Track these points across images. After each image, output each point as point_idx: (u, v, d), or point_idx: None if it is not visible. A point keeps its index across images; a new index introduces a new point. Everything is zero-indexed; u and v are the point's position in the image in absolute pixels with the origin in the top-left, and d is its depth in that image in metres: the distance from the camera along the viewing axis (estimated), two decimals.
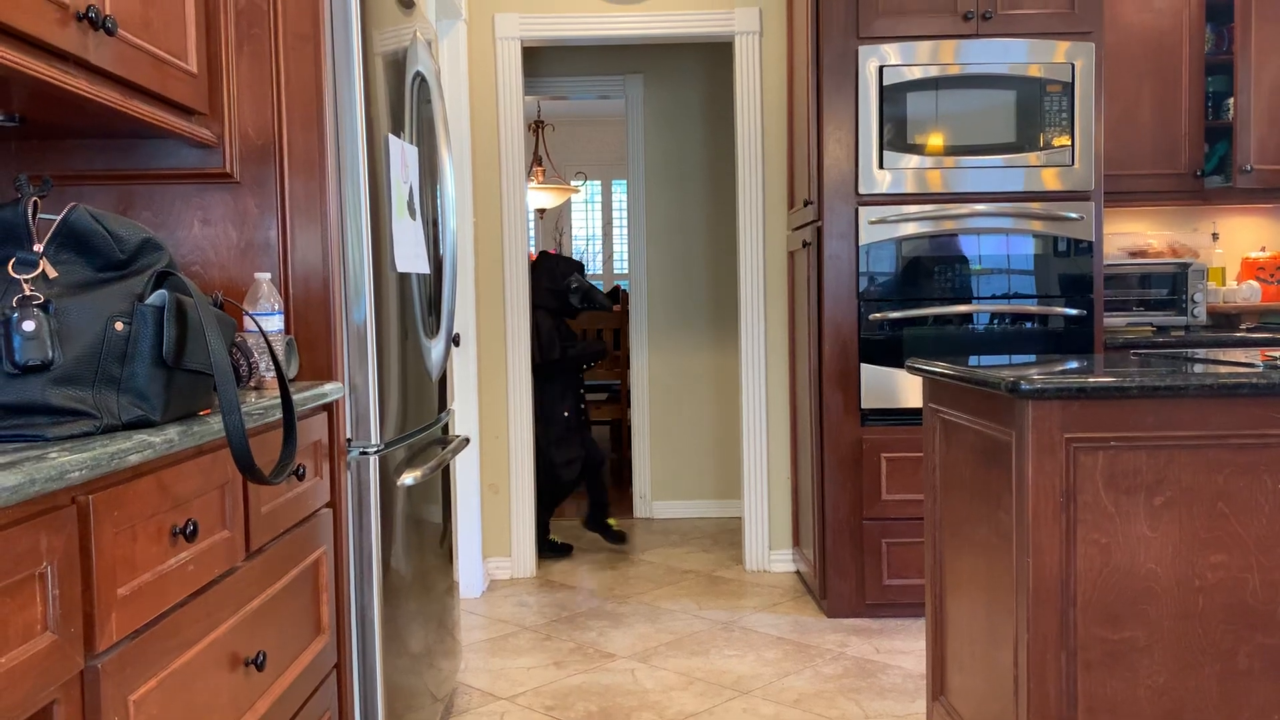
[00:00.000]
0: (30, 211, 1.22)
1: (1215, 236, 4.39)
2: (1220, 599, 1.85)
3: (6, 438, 1.15)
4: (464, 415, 4.02)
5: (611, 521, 4.84)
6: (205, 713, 1.39)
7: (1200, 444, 1.84)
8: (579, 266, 4.79)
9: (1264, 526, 1.84)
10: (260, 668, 1.56)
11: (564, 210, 9.92)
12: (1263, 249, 4.36)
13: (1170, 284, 4.13)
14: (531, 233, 9.54)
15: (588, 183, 9.91)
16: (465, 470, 4.00)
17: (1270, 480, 1.84)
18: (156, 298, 1.24)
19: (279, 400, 1.60)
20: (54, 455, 1.05)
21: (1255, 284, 4.27)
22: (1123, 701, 1.86)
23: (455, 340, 3.03)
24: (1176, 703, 1.86)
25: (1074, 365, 2.15)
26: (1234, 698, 1.85)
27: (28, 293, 1.15)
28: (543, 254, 4.86)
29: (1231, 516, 1.84)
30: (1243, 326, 4.24)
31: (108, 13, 1.50)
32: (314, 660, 1.84)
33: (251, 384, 1.79)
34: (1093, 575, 1.86)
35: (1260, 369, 1.85)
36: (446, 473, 2.84)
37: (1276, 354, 2.16)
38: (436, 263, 2.68)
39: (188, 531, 1.33)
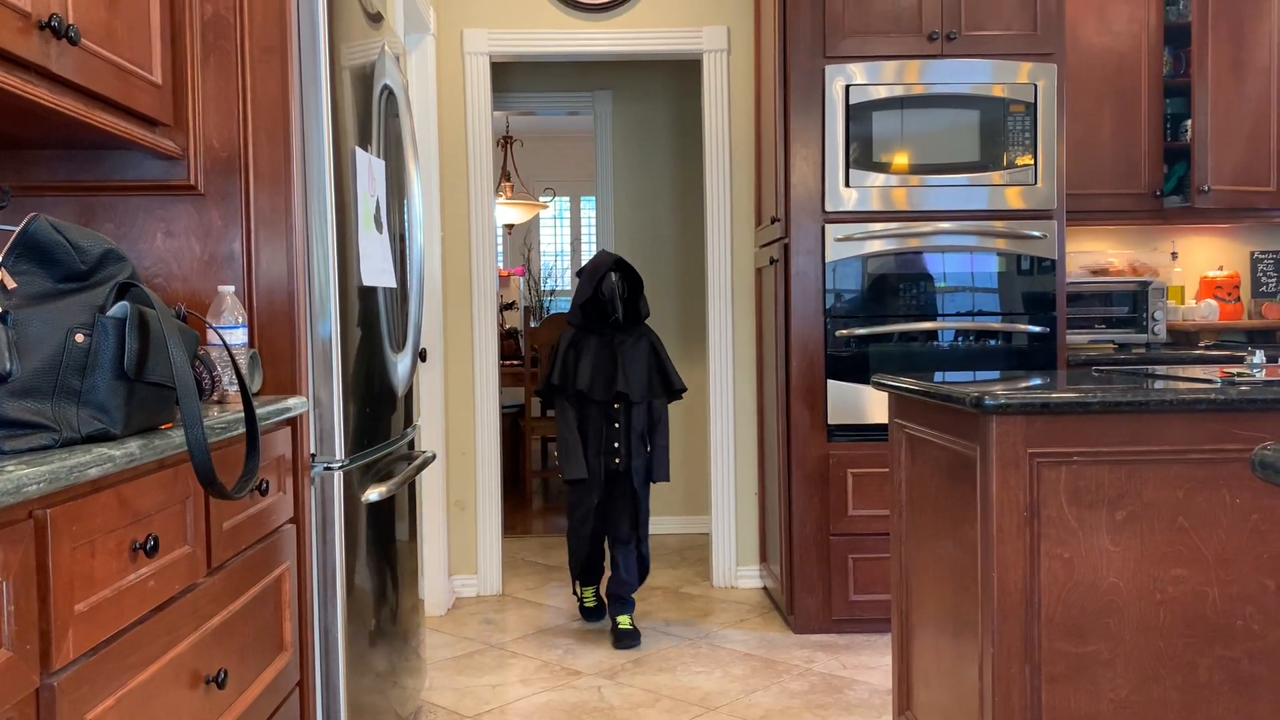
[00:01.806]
0: None
1: (1174, 255, 4.47)
2: (1181, 612, 1.87)
3: None
4: (430, 431, 4.00)
5: (623, 621, 3.66)
6: None
7: (1161, 459, 1.87)
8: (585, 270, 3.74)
9: (1223, 540, 1.86)
10: (221, 686, 1.53)
11: (533, 226, 9.92)
12: (1220, 268, 4.44)
13: (1131, 302, 4.20)
14: (500, 248, 9.53)
15: (556, 198, 9.92)
16: (431, 487, 3.97)
17: (1229, 495, 1.86)
18: (118, 309, 1.23)
19: (242, 414, 1.59)
20: (11, 469, 1.03)
21: (1213, 302, 4.34)
22: (1086, 715, 1.88)
23: (422, 355, 3.02)
24: (1139, 715, 1.87)
25: (1037, 381, 2.17)
26: (1195, 709, 1.87)
27: None
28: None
29: (1191, 530, 1.87)
30: (1201, 344, 4.30)
31: (71, 22, 1.49)
32: (276, 678, 1.82)
33: (214, 398, 1.77)
34: (1056, 589, 1.87)
35: (1218, 385, 1.88)
36: (412, 489, 2.82)
37: (1234, 371, 2.20)
38: (403, 277, 2.67)
39: (148, 547, 1.31)
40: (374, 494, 2.25)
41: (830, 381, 3.61)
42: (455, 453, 4.23)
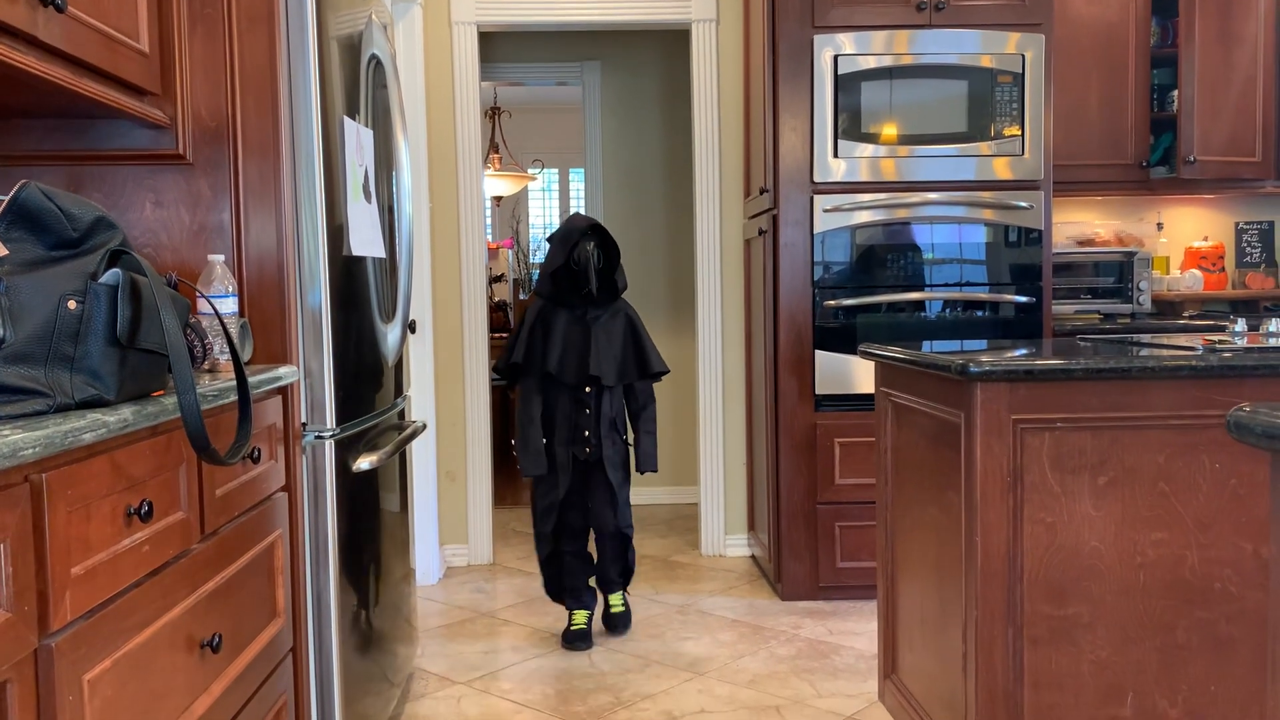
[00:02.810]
0: None
1: (1160, 226, 4.49)
2: (1160, 575, 1.90)
3: None
4: (420, 403, 4.01)
5: (615, 600, 3.42)
6: (161, 693, 1.39)
7: (1142, 425, 1.89)
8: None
9: (1202, 505, 1.90)
10: (216, 650, 1.55)
11: (521, 198, 9.89)
12: (1205, 239, 4.47)
13: (1117, 272, 4.22)
14: (488, 221, 9.50)
15: (545, 171, 9.88)
16: (422, 457, 3.99)
17: (1208, 460, 1.89)
18: (110, 276, 1.24)
19: (233, 382, 1.60)
20: (6, 433, 1.04)
21: (1198, 273, 4.38)
22: (1067, 675, 1.91)
23: (411, 327, 3.02)
24: (1118, 675, 1.91)
25: (1024, 351, 2.19)
26: (1173, 670, 1.91)
27: None
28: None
29: (1172, 495, 1.90)
30: (1186, 314, 4.34)
31: None
32: (270, 643, 1.84)
33: (205, 366, 1.78)
34: (1039, 553, 1.91)
35: (1200, 352, 1.90)
36: (403, 459, 2.84)
37: (1216, 339, 2.22)
38: (392, 248, 2.67)
39: (142, 512, 1.32)
40: (365, 463, 2.27)
41: (818, 352, 3.63)
42: (445, 424, 4.24)
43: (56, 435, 1.09)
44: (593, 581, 3.39)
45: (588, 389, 3.21)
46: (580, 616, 3.33)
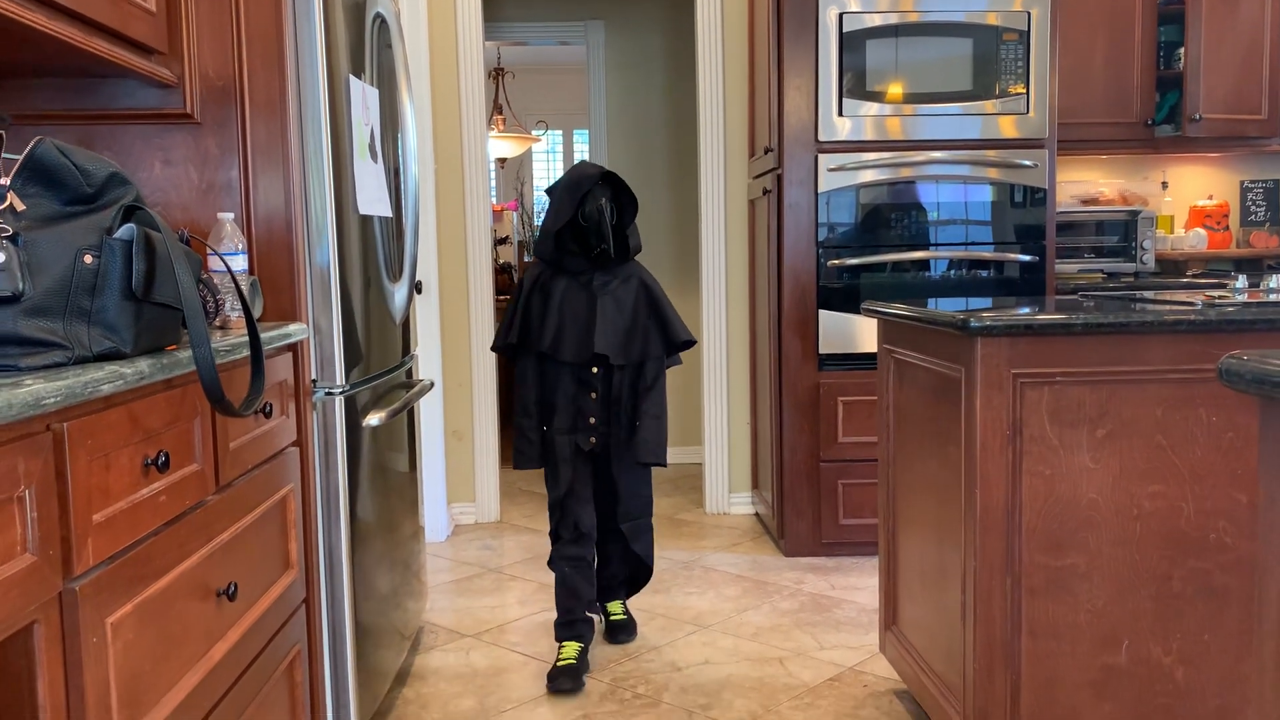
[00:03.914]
0: None
1: (1165, 185, 4.49)
2: (1156, 526, 1.94)
3: None
4: (427, 364, 4.04)
5: (614, 609, 3.04)
6: (180, 639, 1.43)
7: (1141, 379, 1.92)
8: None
9: (1198, 457, 1.92)
10: (232, 598, 1.60)
11: (525, 160, 9.86)
12: (1210, 197, 4.47)
13: (1121, 231, 4.23)
14: (493, 183, 9.48)
15: (549, 132, 9.85)
16: (429, 416, 4.03)
17: (1205, 413, 1.92)
18: (125, 231, 1.26)
19: (245, 338, 1.62)
20: (29, 383, 1.07)
21: (1202, 231, 4.38)
22: (1064, 625, 1.95)
23: (417, 288, 3.04)
24: (1114, 624, 1.95)
25: (1025, 308, 2.21)
26: (1168, 619, 1.95)
27: None
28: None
29: (1169, 448, 1.93)
30: (1190, 273, 4.35)
31: None
32: (283, 594, 1.88)
33: (216, 323, 1.81)
34: (1037, 505, 1.94)
35: (1198, 307, 1.92)
36: (411, 418, 2.87)
37: (1217, 295, 2.24)
38: (398, 209, 2.69)
39: (159, 463, 1.35)
40: (374, 419, 2.30)
41: (822, 311, 3.65)
42: (452, 385, 4.28)
43: (76, 385, 1.12)
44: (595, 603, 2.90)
45: (594, 369, 2.75)
46: (569, 650, 2.73)
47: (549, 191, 2.75)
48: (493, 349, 2.91)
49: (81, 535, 1.17)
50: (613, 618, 3.01)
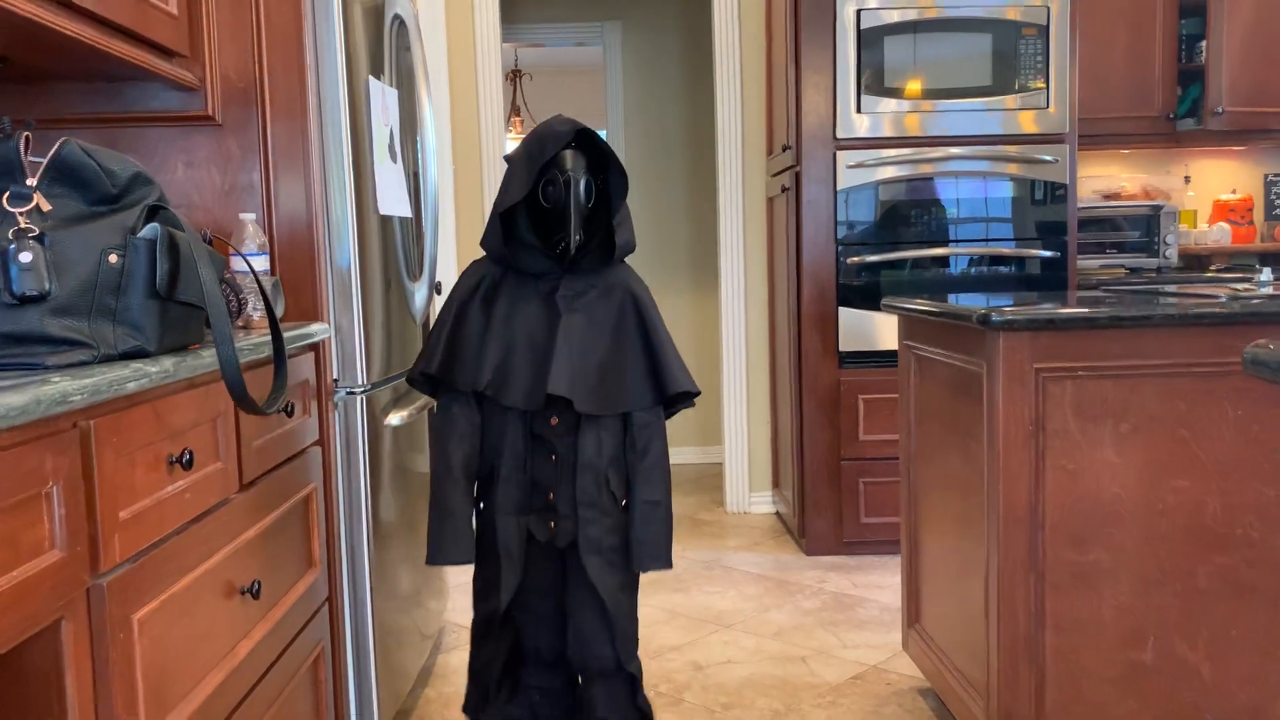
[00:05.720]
0: (22, 146, 1.24)
1: (1187, 179, 4.45)
2: (1181, 521, 1.92)
3: (7, 366, 1.18)
4: None
5: None
6: (205, 635, 1.44)
7: (1164, 373, 1.90)
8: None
9: (1223, 451, 1.91)
10: (256, 596, 1.61)
11: None
12: (1233, 191, 4.43)
13: (1143, 226, 4.20)
14: None
15: None
16: None
17: (1230, 407, 1.90)
18: (149, 231, 1.27)
19: (268, 338, 1.64)
20: (56, 380, 1.08)
21: (1226, 226, 4.34)
22: (1088, 621, 1.94)
23: (437, 289, 3.05)
24: (1139, 620, 1.93)
25: (1047, 303, 2.20)
26: (1193, 615, 1.93)
27: (23, 225, 1.18)
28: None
29: (1193, 442, 1.91)
30: (1213, 267, 4.31)
31: None
32: (307, 592, 1.89)
33: (239, 323, 1.82)
34: (1060, 500, 1.93)
35: (1223, 300, 1.91)
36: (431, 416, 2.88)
37: (1241, 288, 2.22)
38: (417, 210, 2.70)
39: (184, 461, 1.36)
40: (396, 418, 2.31)
41: (842, 309, 3.64)
42: None
43: (102, 383, 1.13)
44: None
45: (552, 419, 1.86)
46: None
47: (506, 159, 1.85)
48: (408, 381, 1.96)
49: (108, 532, 1.18)
50: None
